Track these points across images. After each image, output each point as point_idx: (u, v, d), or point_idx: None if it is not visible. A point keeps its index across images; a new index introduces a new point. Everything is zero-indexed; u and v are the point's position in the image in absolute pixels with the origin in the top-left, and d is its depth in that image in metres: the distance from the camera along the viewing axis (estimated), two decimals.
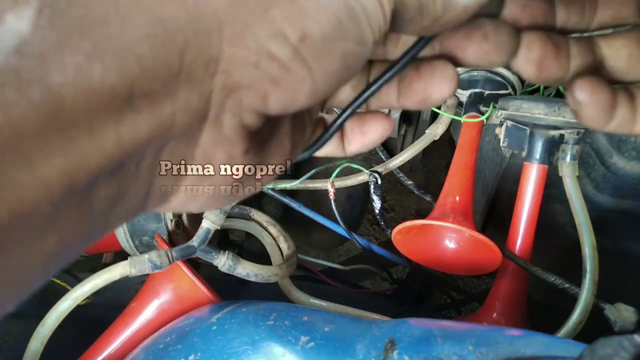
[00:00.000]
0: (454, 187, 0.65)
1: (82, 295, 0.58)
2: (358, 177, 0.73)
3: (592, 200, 0.71)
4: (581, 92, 0.25)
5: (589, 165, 0.71)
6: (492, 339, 0.39)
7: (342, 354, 0.40)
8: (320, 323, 0.45)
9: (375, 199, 0.70)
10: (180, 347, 0.47)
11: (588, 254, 0.58)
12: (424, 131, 0.73)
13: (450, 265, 0.68)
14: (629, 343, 0.23)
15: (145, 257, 0.58)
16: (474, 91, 0.71)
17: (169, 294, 0.60)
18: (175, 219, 0.77)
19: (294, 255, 0.76)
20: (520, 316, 0.64)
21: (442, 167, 1.64)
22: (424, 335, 0.40)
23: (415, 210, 1.76)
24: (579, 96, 0.25)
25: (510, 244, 0.64)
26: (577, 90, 0.25)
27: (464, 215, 0.61)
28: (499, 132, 0.67)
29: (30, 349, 0.57)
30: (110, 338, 0.60)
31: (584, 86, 0.25)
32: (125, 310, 0.62)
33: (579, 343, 0.40)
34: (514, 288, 0.65)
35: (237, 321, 0.47)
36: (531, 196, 0.62)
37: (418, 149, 0.72)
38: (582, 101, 0.25)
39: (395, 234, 0.64)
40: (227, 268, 0.64)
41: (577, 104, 0.25)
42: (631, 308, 0.56)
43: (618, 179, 0.67)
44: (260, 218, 0.81)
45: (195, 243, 0.62)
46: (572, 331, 0.57)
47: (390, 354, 0.38)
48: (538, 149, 0.62)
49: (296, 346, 0.42)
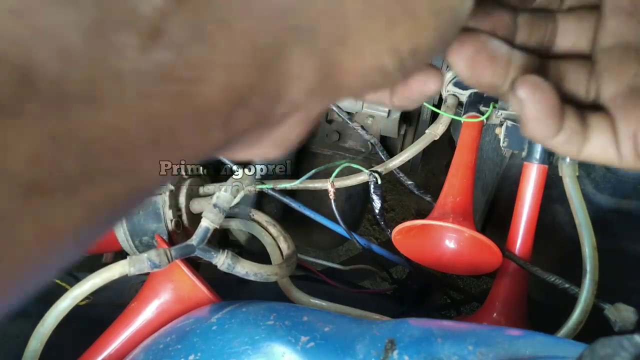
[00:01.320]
0: (454, 187, 0.65)
1: (82, 295, 0.58)
2: (358, 177, 0.73)
3: (592, 200, 0.71)
4: (522, 88, 0.22)
5: (589, 165, 0.71)
6: (492, 339, 0.39)
7: (342, 354, 0.40)
8: (320, 323, 0.45)
9: (375, 199, 0.70)
10: (180, 347, 0.47)
11: (588, 254, 0.58)
12: (424, 131, 0.73)
13: (450, 265, 0.68)
14: (629, 343, 0.23)
15: (144, 256, 0.58)
16: (474, 91, 0.71)
17: (169, 294, 0.60)
18: (175, 219, 0.77)
19: (293, 255, 0.76)
20: (520, 316, 0.64)
21: (442, 167, 1.64)
22: (424, 335, 0.40)
23: (415, 210, 1.76)
24: (520, 93, 0.22)
25: (510, 244, 0.64)
26: (518, 87, 0.22)
27: (464, 215, 0.61)
28: (499, 132, 0.67)
29: (30, 348, 0.57)
30: (110, 338, 0.60)
31: (526, 82, 0.22)
32: (125, 310, 0.62)
33: (579, 343, 0.40)
34: (514, 288, 0.65)
35: (237, 321, 0.47)
36: (531, 196, 0.62)
37: (418, 149, 0.72)
38: (523, 98, 0.22)
39: (395, 234, 0.64)
40: (227, 267, 0.64)
41: (519, 102, 0.23)
42: (631, 308, 0.56)
43: (618, 179, 0.67)
44: (260, 218, 0.81)
45: (194, 242, 0.62)
46: (572, 331, 0.57)
47: (390, 354, 0.38)
48: (538, 149, 0.62)
49: (296, 346, 0.42)
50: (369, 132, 0.80)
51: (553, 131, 0.23)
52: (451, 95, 0.73)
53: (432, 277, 0.90)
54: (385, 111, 0.84)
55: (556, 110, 0.23)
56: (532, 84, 0.23)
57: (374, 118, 0.89)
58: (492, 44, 0.24)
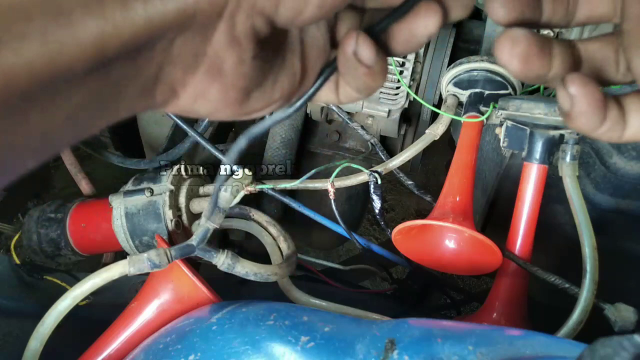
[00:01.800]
0: (454, 187, 0.65)
1: (82, 294, 0.58)
2: (358, 177, 0.73)
3: (592, 200, 0.71)
4: (574, 85, 0.24)
5: (589, 165, 0.71)
6: (492, 339, 0.39)
7: (342, 354, 0.40)
8: (320, 323, 0.45)
9: (375, 199, 0.70)
10: (180, 347, 0.47)
11: (588, 254, 0.58)
12: (424, 131, 0.73)
13: (450, 265, 0.68)
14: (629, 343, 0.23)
15: (144, 256, 0.58)
16: (474, 91, 0.71)
17: (169, 294, 0.60)
18: (175, 219, 0.77)
19: (293, 255, 0.76)
20: (520, 316, 0.64)
21: (442, 167, 1.64)
22: (424, 335, 0.40)
23: (415, 210, 1.76)
24: (572, 89, 0.24)
25: (510, 244, 0.64)
26: (569, 84, 0.24)
27: (464, 215, 0.61)
28: (499, 132, 0.67)
29: (30, 348, 0.57)
30: (110, 338, 0.60)
31: (577, 80, 0.24)
32: (125, 310, 0.62)
33: (579, 343, 0.40)
34: (514, 288, 0.65)
35: (237, 321, 0.47)
36: (531, 196, 0.62)
37: (418, 149, 0.72)
38: (575, 94, 0.24)
39: (395, 234, 0.64)
40: (227, 267, 0.64)
41: (570, 98, 0.25)
42: (631, 308, 0.56)
43: (618, 179, 0.67)
44: (260, 218, 0.81)
45: (194, 242, 0.62)
46: (572, 331, 0.57)
47: (390, 354, 0.38)
48: (538, 149, 0.62)
49: (296, 346, 0.42)
50: (369, 132, 0.80)
51: (599, 123, 0.25)
52: (451, 95, 0.73)
53: (432, 277, 0.90)
54: (385, 111, 0.84)
55: (602, 103, 0.25)
56: (581, 80, 0.24)
57: (374, 118, 0.89)
58: (539, 37, 0.25)
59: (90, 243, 0.84)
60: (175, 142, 0.90)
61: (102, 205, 0.81)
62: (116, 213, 0.78)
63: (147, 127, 1.11)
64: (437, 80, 0.82)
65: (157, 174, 0.81)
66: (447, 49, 0.81)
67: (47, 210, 0.85)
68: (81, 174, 0.92)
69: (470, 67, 0.70)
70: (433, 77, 0.82)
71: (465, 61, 0.71)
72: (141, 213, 0.77)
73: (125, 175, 0.86)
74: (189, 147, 0.87)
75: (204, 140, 0.81)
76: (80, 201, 0.86)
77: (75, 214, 0.83)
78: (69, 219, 0.83)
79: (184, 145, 0.87)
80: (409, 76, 0.77)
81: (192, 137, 0.83)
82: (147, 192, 0.77)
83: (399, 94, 0.80)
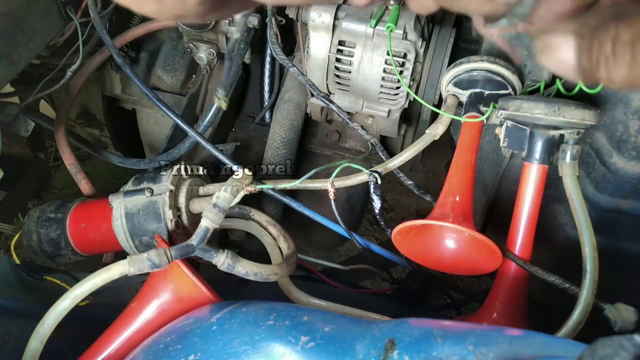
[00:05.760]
0: (454, 187, 0.65)
1: (82, 294, 0.58)
2: (358, 177, 0.73)
3: (592, 200, 0.71)
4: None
5: (589, 165, 0.71)
6: (492, 339, 0.39)
7: (342, 354, 0.40)
8: (320, 323, 0.45)
9: (375, 199, 0.70)
10: (180, 347, 0.47)
11: (588, 254, 0.58)
12: (424, 131, 0.73)
13: (450, 265, 0.68)
14: (629, 343, 0.23)
15: (144, 256, 0.58)
16: (474, 91, 0.71)
17: (169, 294, 0.60)
18: (175, 219, 0.77)
19: (293, 255, 0.76)
20: (520, 316, 0.64)
21: (442, 167, 1.64)
22: (424, 335, 0.40)
23: (415, 210, 1.76)
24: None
25: (510, 244, 0.64)
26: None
27: (464, 215, 0.61)
28: (499, 132, 0.67)
29: (30, 348, 0.57)
30: (110, 338, 0.60)
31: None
32: (125, 310, 0.62)
33: (579, 343, 0.40)
34: (514, 288, 0.65)
35: (237, 321, 0.47)
36: (531, 196, 0.62)
37: (418, 149, 0.72)
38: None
39: (395, 234, 0.64)
40: (227, 267, 0.64)
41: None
42: (631, 308, 0.56)
43: (618, 179, 0.67)
44: (260, 218, 0.81)
45: (194, 242, 0.62)
46: (572, 331, 0.57)
47: (390, 354, 0.38)
48: (538, 149, 0.62)
49: (296, 346, 0.42)
50: (369, 132, 0.80)
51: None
52: (451, 95, 0.73)
53: (432, 277, 0.90)
54: (385, 111, 0.84)
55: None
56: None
57: (374, 118, 0.89)
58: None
59: (90, 243, 0.84)
60: (175, 142, 0.90)
61: (102, 205, 0.81)
62: (116, 213, 0.78)
63: (147, 127, 1.11)
64: (437, 80, 0.82)
65: (157, 174, 0.81)
66: (447, 49, 0.81)
67: (47, 210, 0.85)
68: (81, 174, 0.92)
69: (470, 67, 0.70)
70: (433, 77, 0.82)
71: (465, 61, 0.71)
72: (141, 213, 0.77)
73: (125, 175, 0.86)
74: (189, 147, 0.87)
75: (204, 140, 0.81)
76: (80, 201, 0.86)
77: (75, 214, 0.83)
78: (69, 219, 0.83)
79: (184, 145, 0.87)
80: (409, 76, 0.77)
81: (192, 137, 0.83)
82: (147, 192, 0.77)
83: (399, 94, 0.80)
